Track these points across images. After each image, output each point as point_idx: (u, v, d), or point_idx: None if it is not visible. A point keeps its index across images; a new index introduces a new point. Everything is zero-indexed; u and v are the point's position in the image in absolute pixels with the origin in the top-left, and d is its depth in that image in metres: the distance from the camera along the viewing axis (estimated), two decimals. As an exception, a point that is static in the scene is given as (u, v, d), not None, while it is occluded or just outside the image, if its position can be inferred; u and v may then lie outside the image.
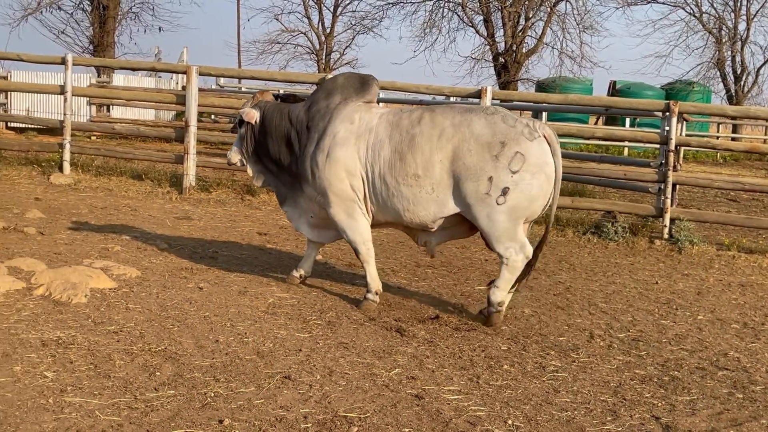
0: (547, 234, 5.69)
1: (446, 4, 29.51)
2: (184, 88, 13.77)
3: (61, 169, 11.37)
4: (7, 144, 12.63)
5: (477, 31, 29.65)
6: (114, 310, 5.21)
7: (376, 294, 5.84)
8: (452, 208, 5.48)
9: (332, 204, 5.76)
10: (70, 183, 10.91)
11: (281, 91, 20.36)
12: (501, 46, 28.93)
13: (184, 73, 11.43)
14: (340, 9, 30.47)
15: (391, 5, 29.87)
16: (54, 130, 14.25)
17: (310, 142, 5.81)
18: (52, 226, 7.91)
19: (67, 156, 11.40)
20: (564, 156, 14.52)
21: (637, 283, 7.25)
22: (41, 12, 26.03)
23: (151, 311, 5.26)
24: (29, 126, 18.03)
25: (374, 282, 5.84)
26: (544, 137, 5.40)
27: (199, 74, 11.07)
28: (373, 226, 5.90)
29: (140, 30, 27.78)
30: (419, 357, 4.73)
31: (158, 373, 4.16)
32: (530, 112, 21.58)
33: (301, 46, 30.84)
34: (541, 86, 27.98)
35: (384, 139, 5.59)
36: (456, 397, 4.15)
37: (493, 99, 10.17)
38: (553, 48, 29.03)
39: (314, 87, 21.43)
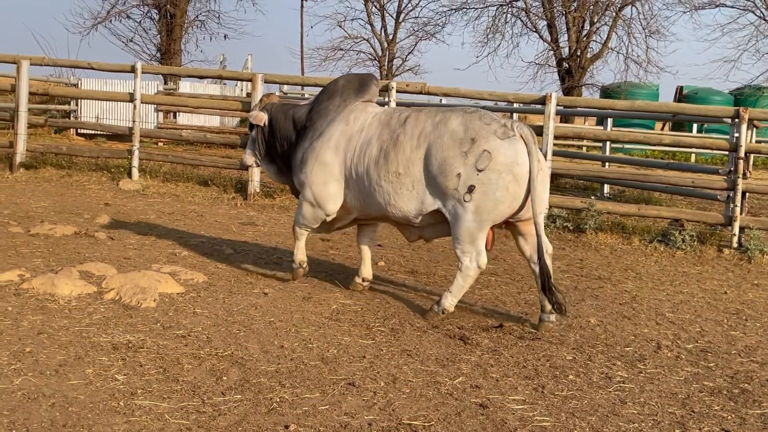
0: (541, 241, 5.53)
1: (510, 10, 29.33)
2: (248, 95, 13.96)
3: (129, 175, 11.62)
4: (78, 150, 12.95)
5: (541, 36, 29.40)
6: (182, 315, 5.30)
7: (300, 264, 6.36)
8: (431, 204, 5.61)
9: (305, 197, 6.12)
10: (138, 189, 11.15)
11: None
12: (565, 51, 28.64)
13: (250, 80, 11.58)
14: (402, 15, 30.53)
15: (453, 11, 29.80)
16: (122, 136, 14.58)
17: (305, 138, 6.14)
18: (121, 231, 8.08)
19: (135, 162, 11.65)
20: (630, 163, 14.31)
21: (705, 293, 7.11)
22: (110, 21, 26.62)
23: (218, 316, 5.34)
24: (98, 132, 18.48)
25: (300, 253, 6.36)
26: (521, 137, 5.41)
27: (264, 82, 11.21)
28: (362, 220, 6.23)
29: (206, 38, 28.29)
30: (483, 365, 4.71)
31: (225, 378, 4.22)
32: (595, 119, 21.35)
33: (364, 52, 30.97)
34: (606, 92, 27.61)
35: (373, 137, 5.83)
36: (521, 406, 4.12)
37: (557, 106, 10.07)
38: (618, 53, 28.62)
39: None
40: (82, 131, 19.29)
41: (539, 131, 10.02)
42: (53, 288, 5.55)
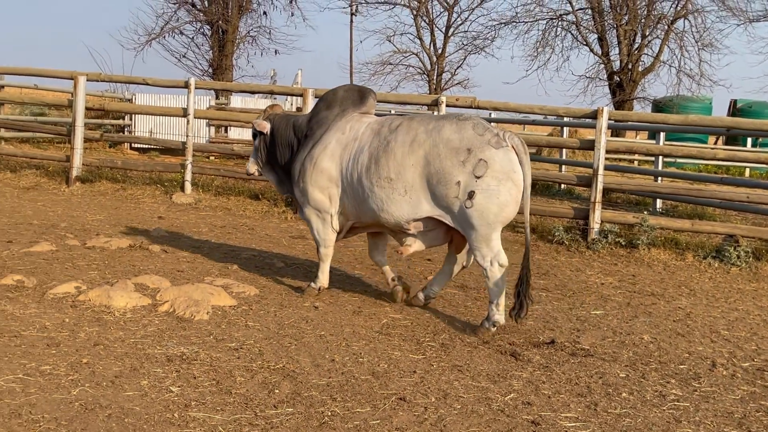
0: (528, 253, 5.81)
1: (560, 23, 29.21)
2: (299, 109, 14.08)
3: (182, 188, 11.80)
4: (133, 164, 13.18)
5: (591, 50, 29.24)
6: (234, 327, 5.36)
7: (320, 289, 6.42)
8: (426, 211, 5.76)
9: (308, 207, 6.30)
10: (191, 202, 11.30)
11: (392, 112, 20.56)
12: (616, 65, 28.42)
13: (301, 95, 11.69)
14: (452, 29, 30.57)
15: (503, 25, 29.78)
16: (174, 150, 14.80)
17: (305, 147, 6.31)
18: (174, 244, 8.20)
19: (188, 176, 11.83)
20: (683, 177, 14.08)
21: (761, 311, 6.97)
22: (164, 37, 27.09)
23: (269, 329, 5.38)
24: (151, 147, 18.78)
25: (324, 278, 6.43)
26: (512, 147, 5.60)
27: (315, 96, 11.30)
28: (358, 228, 6.37)
29: (257, 53, 28.56)
30: (535, 382, 4.68)
31: (277, 391, 4.25)
32: (646, 132, 21.10)
33: (413, 66, 31.07)
34: (658, 105, 27.30)
35: (365, 145, 5.99)
36: (573, 424, 4.08)
37: (609, 120, 9.99)
38: (670, 66, 28.33)
39: (425, 108, 21.40)
40: (136, 145, 19.62)
41: (591, 145, 9.96)
42: (109, 300, 5.65)
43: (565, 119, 15.08)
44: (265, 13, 27.47)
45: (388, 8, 31.50)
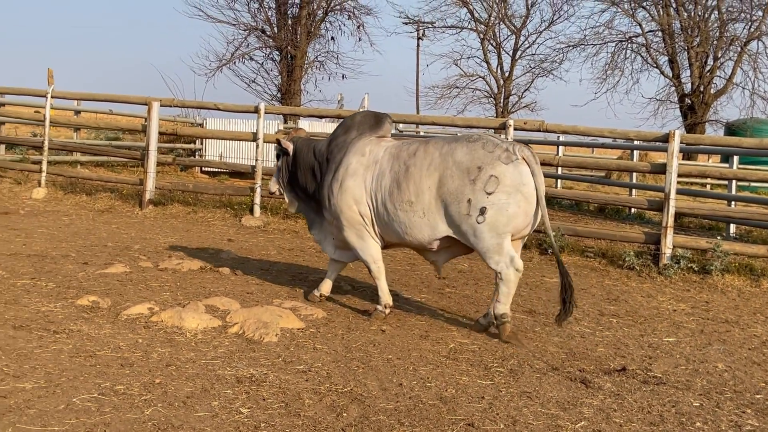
0: (560, 258, 6.11)
1: (629, 45, 28.90)
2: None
3: (251, 211, 11.97)
4: (203, 188, 13.42)
5: (662, 72, 28.83)
6: (302, 350, 5.40)
7: (386, 307, 6.51)
8: (443, 231, 6.02)
9: (344, 228, 6.48)
10: (259, 225, 11.45)
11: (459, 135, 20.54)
12: (687, 87, 27.96)
13: (368, 119, 11.77)
14: (519, 52, 30.49)
15: (571, 47, 29.59)
16: (244, 174, 15.02)
17: (329, 171, 6.56)
18: (243, 266, 8.31)
19: (257, 199, 12.00)
20: (758, 201, 13.73)
21: (843, 340, 6.73)
22: (234, 63, 27.58)
23: (337, 352, 5.41)
24: (221, 170, 19.10)
25: (385, 296, 6.55)
26: (523, 159, 5.84)
27: (382, 120, 11.36)
28: (386, 247, 6.57)
29: (324, 78, 28.88)
30: (606, 410, 4.59)
31: (345, 414, 4.26)
32: (719, 156, 20.66)
33: (479, 90, 31.05)
34: (731, 128, 26.75)
35: (386, 169, 6.24)
36: (645, 454, 4.00)
37: (681, 143, 9.82)
38: (743, 88, 27.74)
39: (493, 131, 21.36)
40: (207, 169, 19.98)
41: (662, 169, 9.80)
42: (181, 321, 5.75)
43: (636, 142, 14.89)
44: (333, 38, 27.78)
45: (455, 32, 31.59)
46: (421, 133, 23.47)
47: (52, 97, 13.78)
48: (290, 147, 6.90)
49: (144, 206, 12.39)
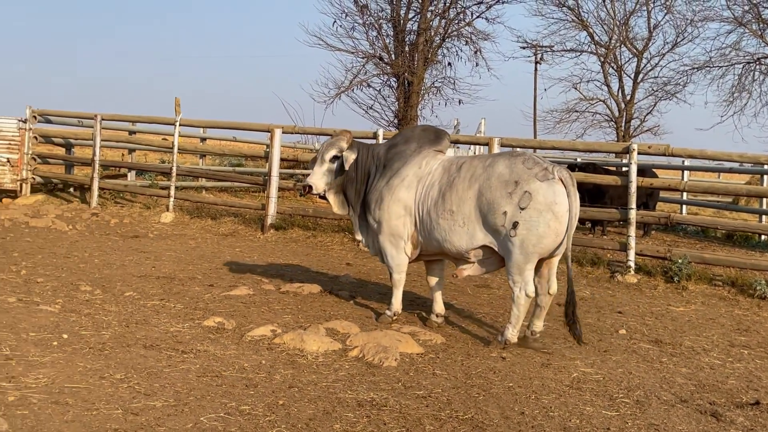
0: (571, 281, 6.23)
1: (758, 67, 27.82)
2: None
3: (369, 236, 12.05)
4: (323, 213, 13.62)
5: (793, 94, 27.57)
6: (422, 375, 5.38)
7: (395, 314, 6.95)
8: (480, 240, 6.25)
9: (383, 233, 6.81)
10: (377, 250, 11.51)
11: (578, 160, 20.21)
12: (821, 109, 26.64)
13: (486, 144, 11.73)
14: (641, 75, 29.78)
15: (696, 70, 28.69)
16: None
17: (382, 177, 6.82)
18: (362, 290, 8.38)
19: (375, 224, 12.07)
20: None
21: None
22: (353, 90, 27.99)
23: (457, 378, 5.36)
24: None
25: (397, 304, 6.98)
26: (560, 180, 5.99)
27: (501, 145, 11.31)
28: (425, 255, 6.83)
29: (441, 103, 28.81)
30: (740, 446, 4.39)
31: (466, 442, 4.21)
32: None
33: (600, 113, 30.45)
34: None
35: (435, 181, 6.55)
36: (785, 494, 3.79)
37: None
38: None
39: (612, 156, 20.84)
40: (325, 194, 20.27)
41: (796, 194, 9.35)
42: (302, 344, 5.83)
43: (766, 167, 14.28)
44: (449, 64, 27.80)
45: (574, 56, 31.14)
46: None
47: (179, 125, 14.33)
48: (355, 153, 6.96)
49: (266, 230, 12.68)
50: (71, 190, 16.45)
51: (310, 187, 7.09)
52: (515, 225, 5.98)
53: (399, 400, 4.81)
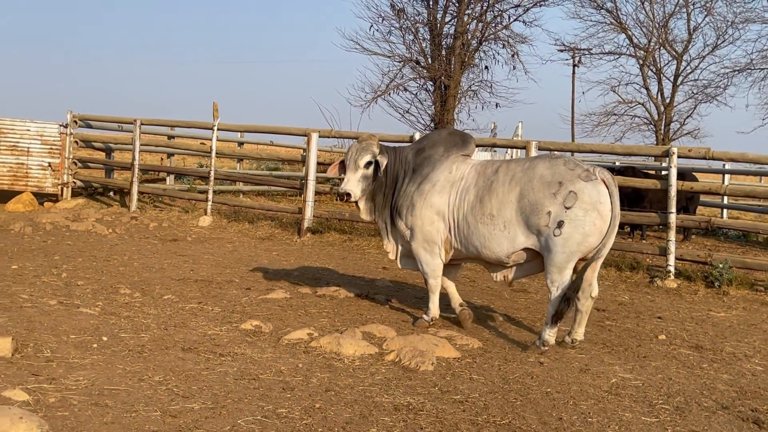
0: (586, 267, 6.16)
1: (800, 68, 27.41)
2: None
3: (406, 240, 12.04)
4: (359, 216, 13.61)
5: (836, 96, 27.12)
6: (459, 380, 5.36)
7: (432, 319, 6.94)
8: (522, 243, 6.26)
9: (416, 239, 6.78)
10: (414, 253, 11.50)
11: (617, 163, 20.02)
12: None
13: (523, 148, 11.67)
14: (680, 78, 29.47)
15: (737, 72, 28.34)
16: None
17: (412, 182, 6.79)
18: (398, 294, 8.37)
19: (411, 228, 12.06)
20: None
21: None
22: (389, 94, 28.00)
23: (494, 383, 5.33)
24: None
25: (434, 309, 6.96)
26: (602, 181, 6.07)
27: (538, 149, 11.24)
28: (458, 260, 6.89)
29: (478, 107, 28.77)
30: (783, 454, 4.30)
31: (503, 447, 4.18)
32: None
33: (639, 117, 30.19)
34: None
35: (471, 185, 6.52)
36: (830, 504, 3.71)
37: None
38: None
39: (651, 159, 20.57)
40: (361, 198, 20.31)
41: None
42: (339, 347, 5.84)
43: (809, 170, 14.02)
44: (486, 67, 27.72)
45: (612, 58, 30.90)
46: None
47: (217, 129, 14.44)
48: (386, 158, 6.88)
49: (302, 234, 12.73)
50: (111, 194, 16.66)
51: (349, 194, 6.86)
52: (560, 224, 6.01)
53: (435, 404, 4.80)
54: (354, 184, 6.89)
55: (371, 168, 6.90)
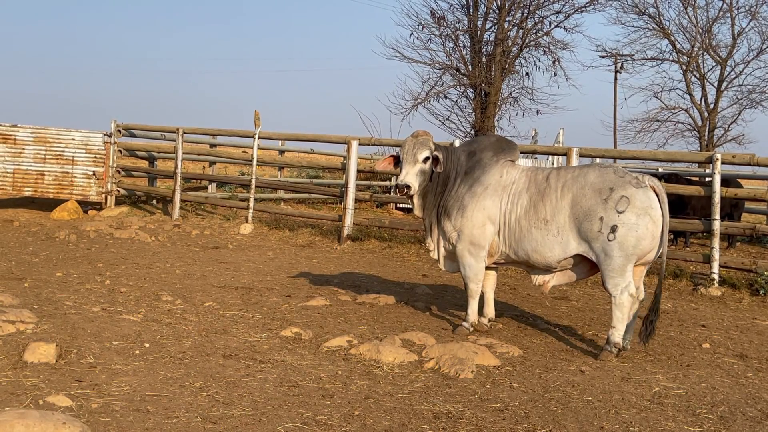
0: (661, 283, 6.43)
1: None
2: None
3: (446, 247, 12.02)
4: (399, 224, 13.66)
5: None
6: (498, 388, 5.33)
7: (471, 326, 6.97)
8: (573, 249, 6.35)
9: (463, 242, 6.80)
10: (454, 261, 11.47)
11: (660, 170, 19.79)
12: None
13: (564, 154, 11.59)
14: (725, 84, 29.04)
15: (782, 77, 27.85)
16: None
17: (464, 183, 6.83)
18: (438, 302, 8.35)
19: (451, 235, 12.03)
20: None
21: None
22: (429, 101, 27.99)
23: (534, 391, 5.29)
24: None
25: (473, 315, 6.99)
26: (652, 188, 6.22)
27: (579, 155, 11.16)
28: (499, 263, 6.93)
29: (518, 114, 28.60)
30: (831, 466, 4.21)
31: (543, 456, 4.15)
32: None
33: (682, 123, 29.81)
34: None
35: (523, 190, 6.61)
36: None
37: None
38: None
39: (695, 165, 20.32)
40: (401, 206, 20.33)
41: None
42: (378, 355, 5.84)
43: None
44: (527, 74, 27.60)
45: (655, 64, 30.54)
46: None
47: (258, 137, 14.56)
48: (442, 155, 6.88)
49: (342, 241, 12.76)
50: (154, 202, 16.86)
51: (408, 186, 6.77)
52: (614, 229, 6.11)
53: (475, 412, 4.77)
54: (413, 177, 6.83)
55: (428, 163, 6.88)
